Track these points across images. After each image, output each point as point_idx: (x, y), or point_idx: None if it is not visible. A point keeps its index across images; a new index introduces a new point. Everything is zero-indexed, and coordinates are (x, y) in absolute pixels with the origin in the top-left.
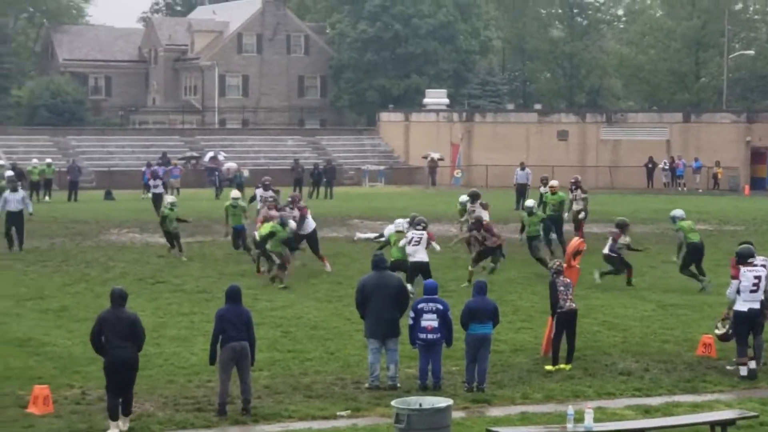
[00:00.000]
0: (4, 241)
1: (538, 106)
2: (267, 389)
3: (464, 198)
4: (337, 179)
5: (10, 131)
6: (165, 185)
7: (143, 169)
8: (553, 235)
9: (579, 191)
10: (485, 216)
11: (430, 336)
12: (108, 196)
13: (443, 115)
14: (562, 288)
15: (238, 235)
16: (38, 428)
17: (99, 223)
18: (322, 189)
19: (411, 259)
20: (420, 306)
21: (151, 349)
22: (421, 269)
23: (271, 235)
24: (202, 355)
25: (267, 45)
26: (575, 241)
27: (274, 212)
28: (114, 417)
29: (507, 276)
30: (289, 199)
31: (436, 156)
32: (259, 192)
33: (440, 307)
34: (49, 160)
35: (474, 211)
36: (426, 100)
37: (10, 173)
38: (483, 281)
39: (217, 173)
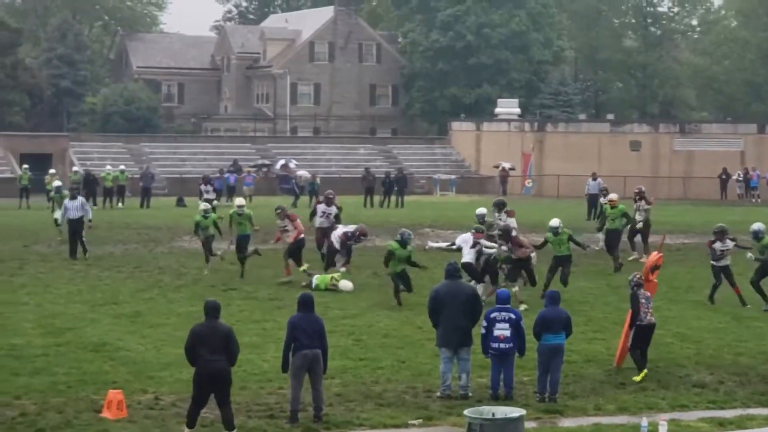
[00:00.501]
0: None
1: (610, 117)
2: (339, 397)
3: (481, 210)
4: (408, 188)
5: (85, 138)
6: (217, 192)
7: (217, 175)
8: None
9: (643, 202)
10: (512, 222)
11: (502, 345)
12: (180, 202)
13: (515, 124)
14: (643, 301)
15: (243, 243)
16: None
17: (171, 229)
18: (393, 198)
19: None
20: (493, 315)
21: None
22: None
23: (390, 254)
24: (274, 362)
25: (339, 53)
26: (654, 256)
27: (286, 221)
28: (191, 425)
29: (579, 286)
30: (278, 211)
31: (507, 165)
32: (321, 207)
33: (513, 316)
34: (122, 167)
35: (501, 221)
36: (498, 110)
37: (58, 183)
38: (556, 291)
39: (294, 181)
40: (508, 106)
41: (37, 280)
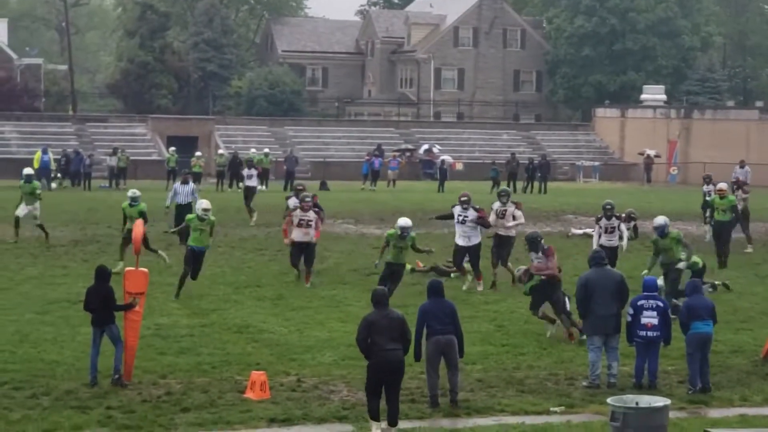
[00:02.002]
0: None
1: (759, 104)
2: (480, 383)
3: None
4: (551, 174)
5: (230, 121)
6: (261, 177)
7: (366, 158)
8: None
9: (740, 192)
10: (520, 216)
11: (650, 333)
12: (323, 186)
13: (660, 111)
14: None
15: (198, 257)
16: (255, 413)
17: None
18: (536, 184)
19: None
20: (640, 303)
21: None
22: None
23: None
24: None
25: (483, 39)
26: None
27: (311, 213)
28: (375, 417)
29: (725, 275)
30: (307, 198)
31: (652, 153)
32: (292, 202)
33: (660, 304)
34: (266, 150)
35: (505, 212)
36: (643, 96)
37: (28, 171)
38: (697, 280)
39: (439, 166)
40: (653, 93)
41: (182, 260)
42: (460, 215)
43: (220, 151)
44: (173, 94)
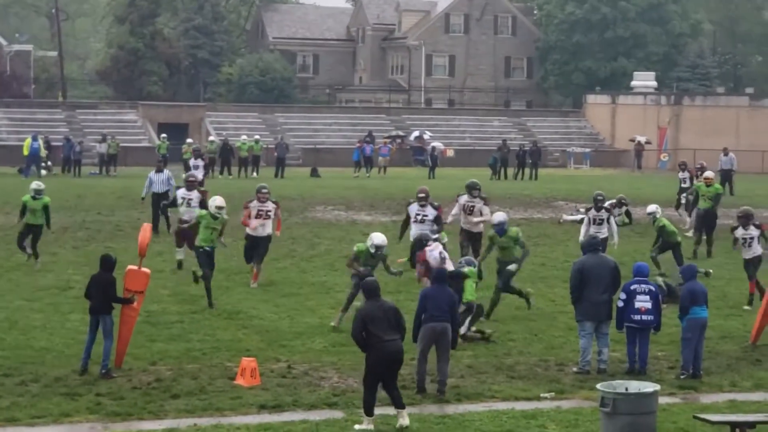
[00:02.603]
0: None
1: (749, 90)
2: (470, 369)
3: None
4: (542, 161)
5: (221, 108)
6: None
7: (357, 145)
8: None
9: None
10: (487, 212)
11: (644, 317)
12: (314, 173)
13: (651, 98)
14: None
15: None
16: (245, 399)
17: (305, 200)
18: (527, 170)
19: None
20: (633, 287)
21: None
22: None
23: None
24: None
25: (474, 25)
26: None
27: (270, 204)
28: (370, 412)
29: (714, 261)
30: (264, 191)
31: (642, 139)
32: (181, 192)
33: (653, 288)
34: (257, 137)
35: (473, 207)
36: (633, 83)
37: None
38: (693, 265)
39: (430, 153)
40: (644, 80)
41: (174, 248)
42: (418, 214)
43: (211, 138)
44: (164, 81)
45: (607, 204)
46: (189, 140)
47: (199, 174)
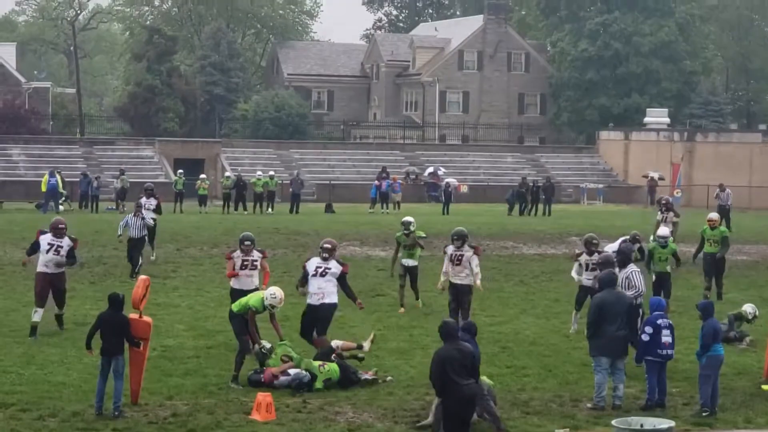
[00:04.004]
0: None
1: (762, 127)
2: None
3: (408, 219)
4: (555, 197)
5: (236, 144)
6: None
7: (375, 183)
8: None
9: (671, 213)
10: (476, 263)
11: (669, 352)
12: (328, 209)
13: (664, 134)
14: None
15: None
16: None
17: (320, 235)
18: (540, 206)
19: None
20: (659, 321)
21: (371, 361)
22: None
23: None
24: (421, 368)
25: (488, 62)
26: None
27: (255, 253)
28: None
29: (729, 297)
30: (247, 242)
31: (655, 175)
32: (48, 238)
33: (671, 322)
34: (272, 173)
35: (461, 257)
36: (646, 119)
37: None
38: (711, 302)
39: (444, 189)
40: (657, 116)
41: (190, 283)
42: (319, 266)
43: (227, 174)
44: (180, 118)
45: (620, 240)
46: (202, 176)
47: (149, 216)
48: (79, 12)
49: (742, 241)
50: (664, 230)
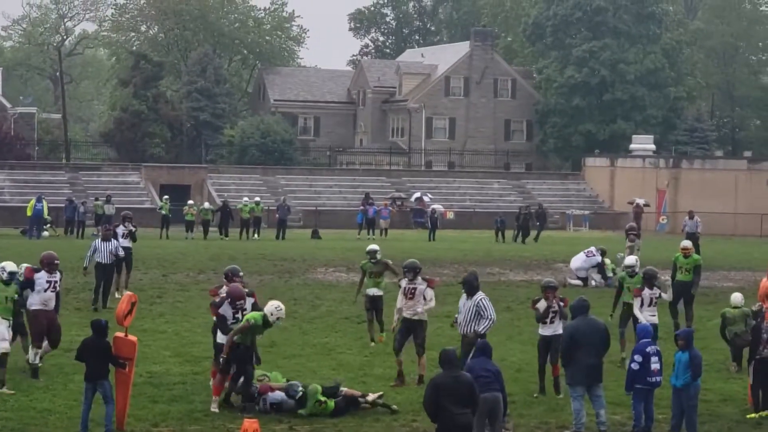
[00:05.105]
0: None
1: (747, 154)
2: None
3: (373, 248)
4: (546, 223)
5: (222, 170)
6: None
7: (361, 208)
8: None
9: (639, 241)
10: (431, 297)
11: (658, 379)
12: (315, 235)
13: (649, 161)
14: (765, 335)
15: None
16: None
17: (306, 261)
18: (532, 233)
19: None
20: (648, 349)
21: (358, 387)
22: None
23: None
24: (407, 394)
25: (474, 88)
26: (765, 282)
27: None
28: None
29: (715, 323)
30: (229, 274)
31: (641, 202)
32: (45, 275)
33: (659, 349)
34: (257, 199)
35: (414, 290)
36: (632, 146)
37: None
38: (691, 329)
39: (430, 215)
40: (643, 143)
41: (176, 309)
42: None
43: (206, 205)
44: (166, 143)
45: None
46: (190, 201)
47: (123, 244)
48: (65, 37)
49: (728, 267)
50: (630, 259)
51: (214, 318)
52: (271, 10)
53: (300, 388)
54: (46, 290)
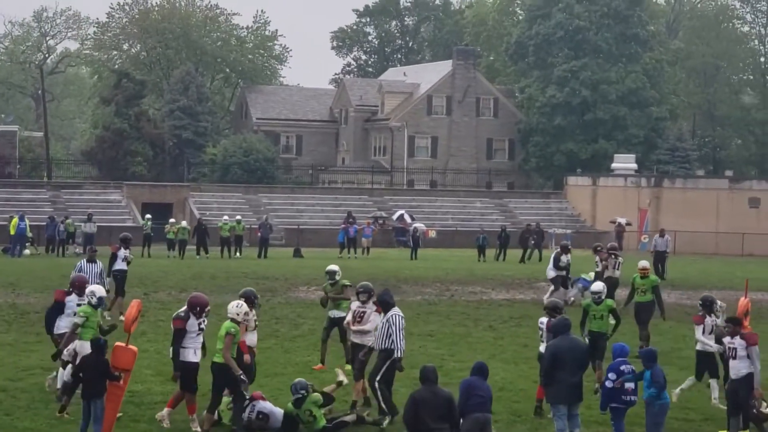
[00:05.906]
0: None
1: (729, 173)
2: None
3: (333, 268)
4: (544, 242)
5: (204, 188)
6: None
7: (342, 227)
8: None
9: (598, 258)
10: (373, 320)
11: (632, 398)
12: (297, 253)
13: (631, 180)
14: (737, 350)
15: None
16: None
17: (288, 280)
18: (534, 252)
19: None
20: (622, 368)
21: (340, 406)
22: None
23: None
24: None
25: (456, 107)
26: (743, 301)
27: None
28: None
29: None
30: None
31: (623, 221)
32: (76, 299)
33: (633, 368)
34: (238, 217)
35: (363, 313)
36: (614, 165)
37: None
38: (654, 348)
39: (412, 234)
40: (624, 162)
41: (158, 328)
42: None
43: (183, 224)
44: (148, 161)
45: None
46: (172, 220)
47: (119, 267)
48: (47, 56)
49: (710, 286)
50: (597, 285)
51: (173, 328)
52: (253, 29)
53: (303, 390)
54: (75, 314)
